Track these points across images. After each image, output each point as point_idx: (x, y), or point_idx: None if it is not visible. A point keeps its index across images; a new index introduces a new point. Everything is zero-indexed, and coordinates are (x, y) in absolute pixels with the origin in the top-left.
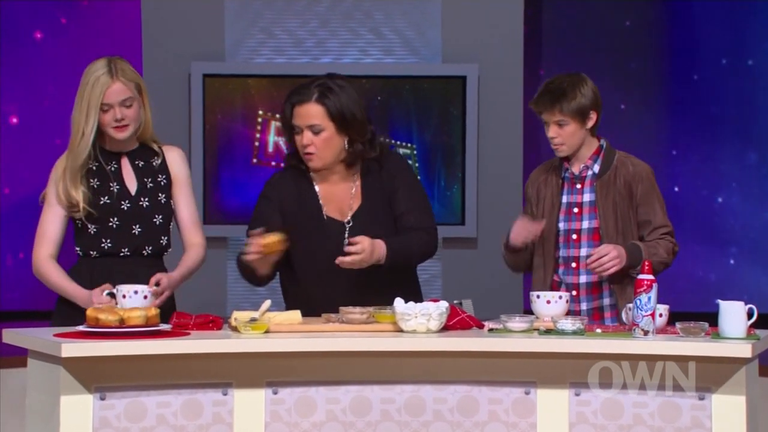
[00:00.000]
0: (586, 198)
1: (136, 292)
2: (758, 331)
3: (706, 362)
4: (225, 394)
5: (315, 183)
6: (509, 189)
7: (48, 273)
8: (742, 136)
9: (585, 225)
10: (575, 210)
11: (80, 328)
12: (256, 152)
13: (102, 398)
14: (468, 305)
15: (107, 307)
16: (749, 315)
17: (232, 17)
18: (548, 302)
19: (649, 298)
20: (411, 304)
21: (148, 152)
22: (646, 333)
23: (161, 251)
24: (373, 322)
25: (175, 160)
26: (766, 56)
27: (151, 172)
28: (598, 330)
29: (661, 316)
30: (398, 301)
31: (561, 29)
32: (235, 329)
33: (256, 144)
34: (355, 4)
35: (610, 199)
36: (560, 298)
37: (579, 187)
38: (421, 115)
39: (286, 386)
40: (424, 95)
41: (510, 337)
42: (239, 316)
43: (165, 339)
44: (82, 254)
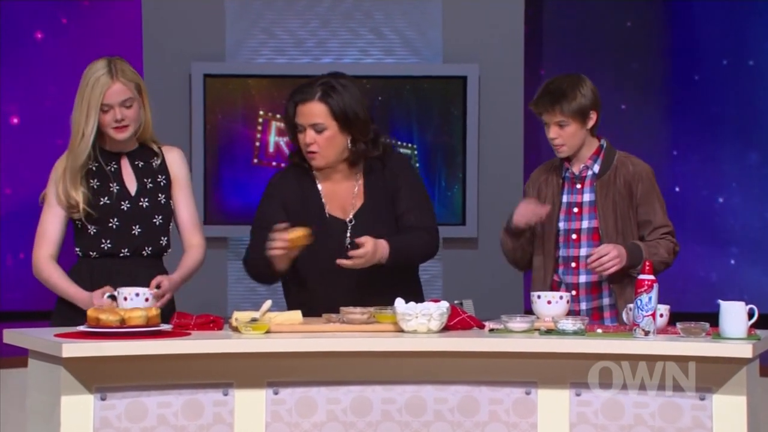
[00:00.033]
0: (586, 198)
1: (137, 295)
2: (759, 332)
3: (707, 362)
4: (226, 395)
5: (318, 181)
6: (510, 189)
7: (48, 274)
8: (742, 136)
9: (585, 225)
10: (575, 210)
11: (81, 328)
12: (256, 152)
13: (103, 398)
14: (469, 305)
15: (108, 308)
16: (750, 315)
17: (233, 17)
18: (549, 302)
19: (649, 299)
20: (412, 304)
21: (147, 153)
22: (646, 333)
23: (161, 252)
24: (373, 322)
25: (174, 160)
26: (767, 56)
27: (151, 173)
28: (599, 330)
29: (661, 316)
30: (399, 302)
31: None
32: (236, 329)
33: (257, 144)
34: (355, 5)
35: (609, 199)
36: (561, 298)
37: (579, 187)
38: (422, 116)
39: (287, 386)
40: (424, 95)
41: (511, 337)
42: (240, 317)
43: (166, 339)
44: (81, 255)
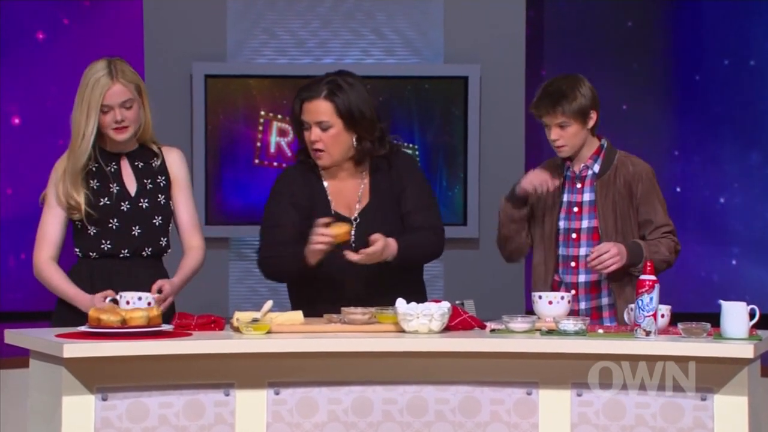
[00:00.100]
0: (586, 197)
1: (140, 299)
2: (760, 332)
3: (708, 363)
4: (227, 395)
5: (323, 179)
6: None
7: (49, 276)
8: (744, 136)
9: (584, 224)
10: (575, 209)
11: (82, 328)
12: (257, 153)
13: (104, 399)
14: (470, 306)
15: (109, 308)
16: (751, 315)
17: (234, 18)
18: (550, 303)
19: (651, 299)
20: (413, 304)
21: (147, 153)
22: (647, 333)
23: (161, 252)
24: (374, 322)
25: (174, 161)
26: None
27: (151, 173)
28: (600, 331)
29: (663, 316)
30: (400, 302)
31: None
32: (237, 330)
33: (258, 144)
34: (356, 5)
35: (609, 198)
36: (562, 298)
37: (579, 186)
38: (423, 116)
39: (288, 387)
40: (425, 96)
41: (512, 337)
42: (241, 317)
43: (167, 339)
44: (81, 255)
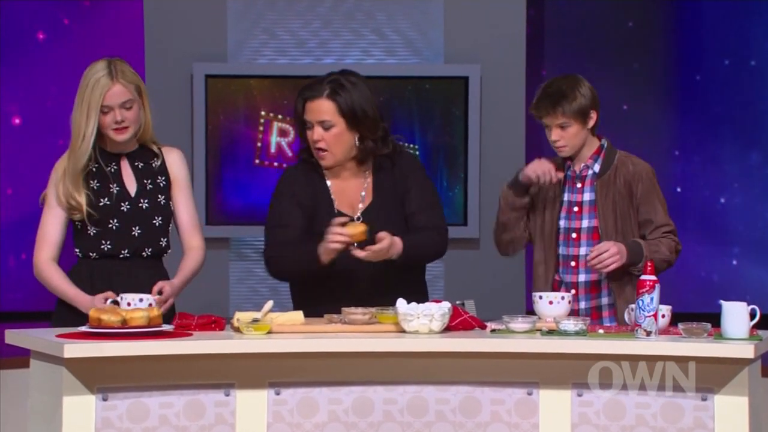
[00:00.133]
0: (586, 197)
1: (141, 300)
2: (761, 332)
3: (709, 363)
4: (227, 395)
5: (326, 178)
6: None
7: (49, 276)
8: (744, 136)
9: (585, 224)
10: (575, 209)
11: (83, 328)
12: (258, 153)
13: (104, 399)
14: (470, 306)
15: (110, 308)
16: (752, 316)
17: (235, 18)
18: (551, 303)
19: (651, 299)
20: (413, 304)
21: (147, 153)
22: (648, 334)
23: (161, 253)
24: (375, 322)
25: (174, 161)
26: None
27: (151, 174)
28: (601, 331)
29: (663, 316)
30: (401, 302)
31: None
32: (238, 330)
33: (259, 145)
34: (357, 5)
35: (609, 198)
36: (563, 298)
37: (579, 186)
38: (424, 116)
39: (289, 387)
40: (426, 96)
41: (512, 337)
42: (241, 317)
43: (167, 340)
44: (81, 255)
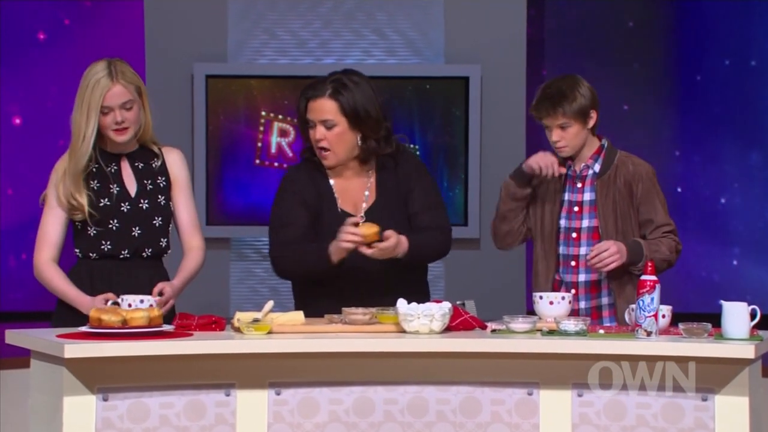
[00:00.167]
0: (587, 197)
1: (141, 302)
2: (761, 332)
3: (709, 363)
4: (228, 395)
5: (329, 177)
6: None
7: (50, 277)
8: (744, 136)
9: (585, 224)
10: (575, 209)
11: (83, 328)
12: (258, 153)
13: (105, 399)
14: (471, 306)
15: (110, 308)
16: (752, 316)
17: (235, 18)
18: (551, 303)
19: (652, 299)
20: (414, 305)
21: (147, 154)
22: (648, 334)
23: (161, 253)
24: (375, 323)
25: (174, 161)
26: None
27: (151, 174)
28: (601, 331)
29: (664, 317)
30: (401, 302)
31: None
32: (238, 330)
33: (259, 145)
34: (357, 5)
35: (610, 198)
36: (563, 299)
37: (579, 186)
38: (424, 116)
39: (289, 387)
40: (426, 96)
41: (513, 338)
42: (242, 317)
43: (168, 340)
44: (81, 256)
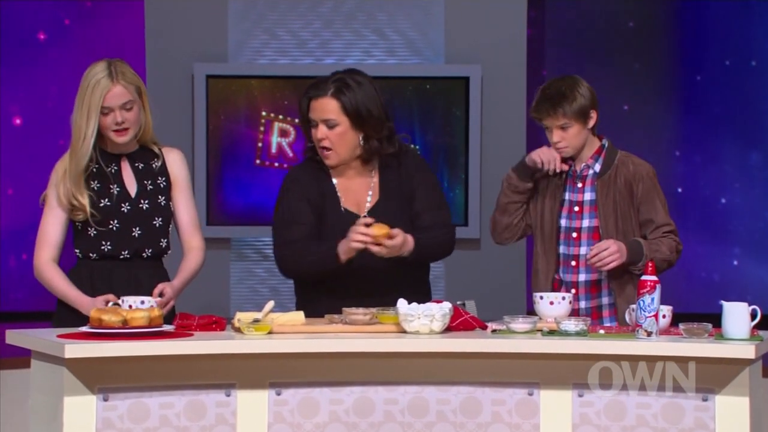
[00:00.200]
0: (587, 197)
1: (142, 303)
2: (762, 332)
3: (710, 363)
4: (228, 395)
5: (332, 176)
6: None
7: (50, 278)
8: (745, 136)
9: (585, 224)
10: (576, 208)
11: (83, 328)
12: (259, 153)
13: (105, 399)
14: (471, 306)
15: (111, 308)
16: (752, 316)
17: (236, 18)
18: (551, 303)
19: (652, 299)
20: (414, 305)
21: (148, 154)
22: (649, 334)
23: (161, 253)
24: (376, 323)
25: (175, 162)
26: None
27: (151, 175)
28: (602, 331)
29: (664, 317)
30: (401, 302)
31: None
32: (239, 330)
33: (259, 145)
34: (358, 6)
35: (610, 198)
36: (563, 299)
37: (580, 185)
38: (424, 116)
39: (289, 387)
40: (426, 96)
41: (513, 338)
42: (242, 317)
43: (168, 340)
44: (81, 256)
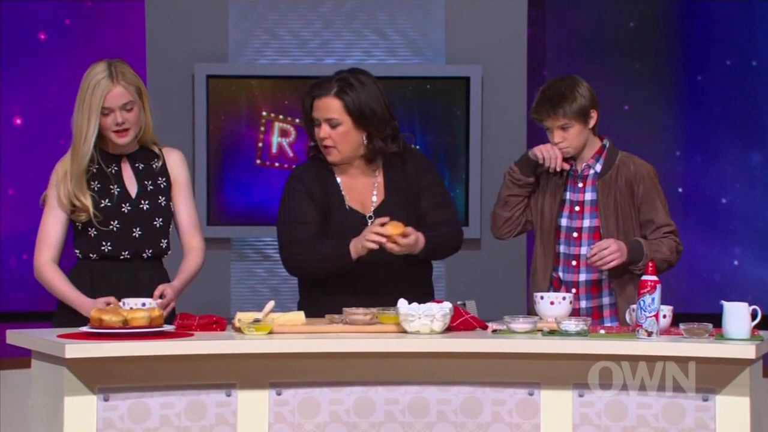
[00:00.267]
0: (588, 197)
1: (143, 305)
2: (762, 332)
3: (710, 363)
4: (228, 395)
5: (336, 175)
6: None
7: (50, 278)
8: (745, 136)
9: (586, 224)
10: (576, 208)
11: (84, 328)
12: (259, 153)
13: (105, 399)
14: (471, 306)
15: (111, 308)
16: (753, 316)
17: (236, 18)
18: (552, 303)
19: (653, 299)
20: (414, 305)
21: (148, 154)
22: (649, 334)
23: (161, 254)
24: (376, 323)
25: (175, 162)
26: None
27: (152, 175)
28: (602, 331)
29: (665, 317)
30: (402, 302)
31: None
32: (239, 330)
33: (260, 145)
34: (358, 5)
35: (611, 198)
36: (564, 299)
37: (581, 185)
38: (425, 116)
39: (290, 387)
40: (427, 96)
41: (513, 338)
42: (243, 317)
43: (169, 340)
44: (81, 257)
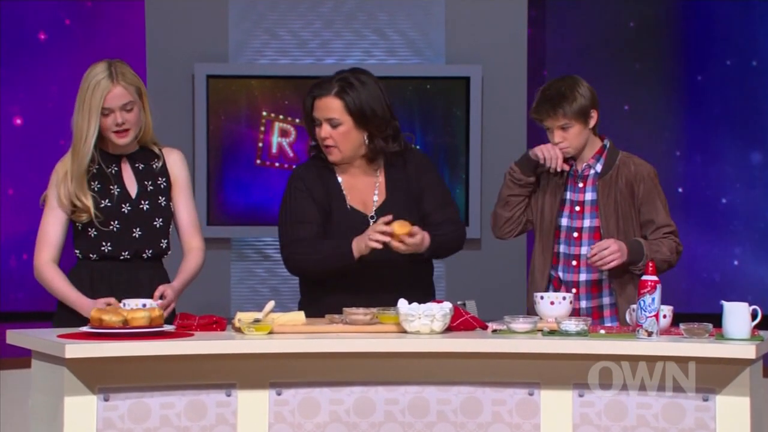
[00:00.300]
0: (588, 197)
1: (144, 305)
2: (762, 332)
3: (710, 363)
4: (229, 395)
5: (337, 174)
6: None
7: (50, 279)
8: (746, 136)
9: (586, 224)
10: (577, 208)
11: (84, 328)
12: (259, 153)
13: (105, 399)
14: (471, 306)
15: (111, 308)
16: (753, 316)
17: (236, 18)
18: (552, 303)
19: (653, 299)
20: (414, 305)
21: (148, 155)
22: (649, 334)
23: (161, 254)
24: (376, 323)
25: (175, 162)
26: None
27: (152, 175)
28: (602, 331)
29: (665, 317)
30: (402, 302)
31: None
32: (239, 330)
33: (260, 145)
34: (358, 6)
35: (611, 198)
36: (564, 299)
37: (581, 185)
38: (425, 116)
39: (290, 387)
40: (427, 96)
41: (513, 338)
42: (243, 317)
43: (169, 340)
44: (81, 257)
